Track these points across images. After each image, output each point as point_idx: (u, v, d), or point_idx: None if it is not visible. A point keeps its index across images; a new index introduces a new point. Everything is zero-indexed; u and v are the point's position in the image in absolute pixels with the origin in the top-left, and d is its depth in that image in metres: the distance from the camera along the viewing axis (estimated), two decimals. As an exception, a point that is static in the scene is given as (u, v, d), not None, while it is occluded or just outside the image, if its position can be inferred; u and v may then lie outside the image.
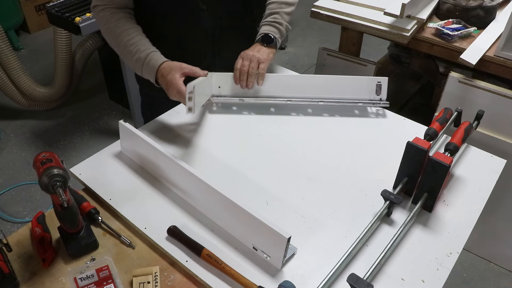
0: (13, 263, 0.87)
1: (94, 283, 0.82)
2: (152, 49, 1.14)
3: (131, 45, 1.13)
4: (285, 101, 1.25)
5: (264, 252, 0.85)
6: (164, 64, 1.11)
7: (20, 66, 2.59)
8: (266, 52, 1.22)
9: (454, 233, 0.92)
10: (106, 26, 1.16)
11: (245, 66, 1.19)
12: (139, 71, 1.15)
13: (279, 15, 1.28)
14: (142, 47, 1.13)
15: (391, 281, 0.83)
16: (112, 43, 1.18)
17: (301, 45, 3.74)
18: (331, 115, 1.25)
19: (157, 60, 1.11)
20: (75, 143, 2.66)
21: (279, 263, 0.84)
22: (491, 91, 1.60)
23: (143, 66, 1.13)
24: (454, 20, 1.73)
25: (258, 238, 0.85)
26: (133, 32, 1.14)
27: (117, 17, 1.15)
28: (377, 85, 1.23)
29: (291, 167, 1.08)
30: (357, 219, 0.94)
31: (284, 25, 1.29)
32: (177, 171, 0.97)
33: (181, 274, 0.86)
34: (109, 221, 0.95)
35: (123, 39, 1.13)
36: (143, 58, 1.12)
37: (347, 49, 2.04)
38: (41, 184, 0.78)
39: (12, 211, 2.22)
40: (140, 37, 1.15)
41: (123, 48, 1.15)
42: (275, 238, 0.81)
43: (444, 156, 0.90)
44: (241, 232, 0.89)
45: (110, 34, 1.16)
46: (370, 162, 1.10)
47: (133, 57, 1.13)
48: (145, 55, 1.12)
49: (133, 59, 1.14)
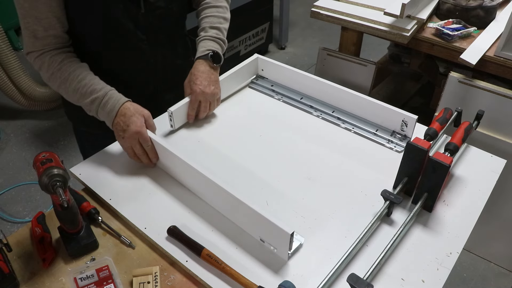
0: (13, 263, 0.87)
1: (94, 283, 0.82)
2: (109, 88, 1.05)
3: (83, 87, 1.03)
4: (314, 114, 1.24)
5: (271, 244, 0.88)
6: (127, 103, 1.04)
7: (20, 66, 2.60)
8: (217, 78, 1.19)
9: (454, 233, 0.92)
10: (48, 73, 1.05)
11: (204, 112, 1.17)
12: (94, 111, 1.05)
13: (220, 31, 1.22)
14: (97, 86, 1.04)
15: (391, 281, 0.83)
16: (59, 89, 1.07)
17: (301, 45, 3.75)
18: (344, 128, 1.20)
19: (118, 99, 1.04)
20: (75, 143, 2.65)
21: (285, 256, 0.86)
22: (491, 91, 1.61)
23: (100, 106, 1.03)
24: (454, 20, 1.73)
25: (264, 232, 0.88)
26: (82, 73, 1.05)
27: (58, 61, 1.04)
28: (403, 121, 1.12)
29: (291, 167, 1.08)
30: (357, 219, 0.94)
31: (226, 43, 1.23)
32: (185, 168, 0.97)
33: (181, 274, 0.86)
34: (109, 221, 0.95)
35: (72, 83, 1.04)
36: (101, 97, 1.03)
37: (347, 49, 2.04)
38: (41, 184, 0.78)
39: (12, 211, 2.22)
40: (91, 77, 1.06)
41: (73, 92, 1.04)
42: (279, 233, 0.83)
43: (444, 156, 0.90)
44: (249, 225, 0.92)
45: (55, 81, 1.05)
46: (370, 162, 1.10)
47: (87, 98, 1.04)
48: (103, 94, 1.03)
49: (87, 100, 1.04)
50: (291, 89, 1.33)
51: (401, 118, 1.13)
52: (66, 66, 1.04)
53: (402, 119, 1.12)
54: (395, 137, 1.15)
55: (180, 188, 1.02)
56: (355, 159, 1.11)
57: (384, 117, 1.16)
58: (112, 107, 1.03)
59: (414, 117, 1.10)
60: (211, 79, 1.16)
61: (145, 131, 1.02)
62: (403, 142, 1.13)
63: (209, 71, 1.17)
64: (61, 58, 1.04)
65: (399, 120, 1.13)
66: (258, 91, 1.35)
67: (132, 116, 1.02)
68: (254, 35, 3.28)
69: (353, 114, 1.22)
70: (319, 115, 1.24)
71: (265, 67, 1.36)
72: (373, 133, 1.17)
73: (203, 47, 1.19)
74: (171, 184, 1.03)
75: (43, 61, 1.04)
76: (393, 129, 1.16)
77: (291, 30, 3.84)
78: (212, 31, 1.21)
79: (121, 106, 1.03)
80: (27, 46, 1.05)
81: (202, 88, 1.14)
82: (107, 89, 1.05)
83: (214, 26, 1.21)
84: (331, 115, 1.23)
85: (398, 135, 1.15)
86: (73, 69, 1.05)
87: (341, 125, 1.20)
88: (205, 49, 1.18)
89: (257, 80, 1.38)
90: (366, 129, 1.18)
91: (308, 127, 1.21)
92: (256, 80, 1.38)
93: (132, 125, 1.01)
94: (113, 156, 1.10)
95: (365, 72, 2.02)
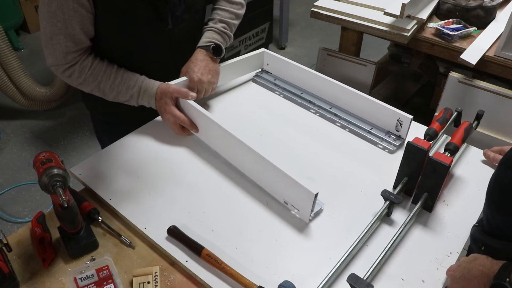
0: (13, 263, 0.87)
1: (94, 283, 0.82)
2: (140, 80, 1.13)
3: (118, 85, 1.12)
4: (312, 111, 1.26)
5: (294, 207, 0.94)
6: (158, 90, 1.13)
7: (20, 66, 2.59)
8: (215, 68, 1.20)
9: (454, 233, 0.92)
10: (80, 79, 1.11)
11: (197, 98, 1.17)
12: (135, 103, 1.15)
13: (229, 26, 1.24)
14: (131, 82, 1.13)
15: (391, 281, 0.83)
16: (93, 91, 1.14)
17: (301, 45, 3.75)
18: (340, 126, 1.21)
19: (152, 88, 1.13)
20: (75, 143, 2.66)
21: (307, 217, 0.92)
22: (491, 91, 1.61)
23: (139, 98, 1.14)
24: (454, 20, 1.73)
25: (288, 193, 0.94)
26: (111, 71, 1.12)
27: (88, 66, 1.10)
28: (398, 121, 1.13)
29: (291, 167, 1.07)
30: (357, 219, 0.94)
31: (231, 39, 1.26)
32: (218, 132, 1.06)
33: (181, 274, 0.86)
34: (109, 221, 0.95)
35: (107, 83, 1.11)
36: (137, 92, 1.13)
37: (347, 49, 2.04)
38: (41, 184, 0.78)
39: (12, 211, 2.22)
40: (121, 73, 1.13)
41: (109, 92, 1.13)
42: (303, 193, 0.89)
43: (444, 156, 0.90)
44: (273, 187, 0.98)
45: (88, 85, 1.12)
46: (370, 162, 1.10)
47: (125, 95, 1.13)
48: (138, 89, 1.13)
49: (126, 97, 1.13)
50: (293, 84, 1.35)
51: (396, 118, 1.13)
52: (96, 70, 1.10)
53: (397, 118, 1.13)
54: (390, 137, 1.16)
55: (180, 188, 1.02)
56: (355, 159, 1.11)
57: (381, 116, 1.17)
58: (150, 97, 1.13)
59: (409, 117, 1.11)
60: (209, 68, 1.18)
61: (172, 109, 1.12)
62: (397, 141, 1.14)
63: (208, 61, 1.19)
64: (89, 63, 1.10)
65: (395, 120, 1.14)
66: (261, 85, 1.37)
67: (160, 100, 1.13)
68: (254, 35, 3.28)
69: (350, 112, 1.24)
70: (316, 112, 1.25)
71: (271, 61, 1.39)
72: (368, 131, 1.18)
73: (207, 37, 1.21)
74: (171, 184, 1.03)
75: (73, 70, 1.09)
76: (387, 129, 1.17)
77: (291, 30, 3.84)
78: (221, 24, 1.23)
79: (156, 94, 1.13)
80: (57, 60, 1.08)
81: (200, 76, 1.16)
82: (140, 82, 1.13)
83: (223, 20, 1.24)
84: (328, 111, 1.25)
85: (393, 135, 1.16)
86: (103, 70, 1.11)
87: (338, 123, 1.22)
88: (208, 40, 1.20)
89: (261, 73, 1.40)
90: (363, 128, 1.19)
91: (306, 124, 1.22)
92: (260, 73, 1.40)
93: (161, 108, 1.14)
94: (113, 156, 1.10)
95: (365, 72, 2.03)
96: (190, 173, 1.06)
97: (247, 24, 3.16)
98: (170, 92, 1.12)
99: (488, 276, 0.66)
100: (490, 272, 0.66)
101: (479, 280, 0.67)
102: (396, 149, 1.13)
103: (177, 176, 1.05)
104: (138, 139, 1.15)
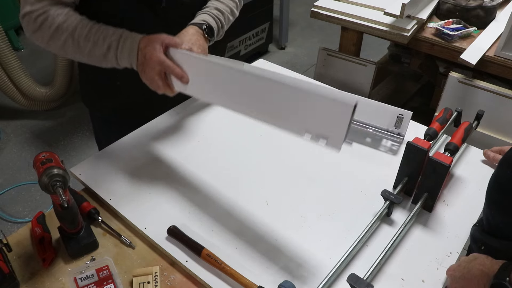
0: (13, 263, 0.87)
1: (94, 283, 0.82)
2: (121, 30, 0.97)
3: (94, 34, 0.95)
4: None
5: (321, 135, 0.74)
6: (143, 39, 0.96)
7: (20, 66, 2.60)
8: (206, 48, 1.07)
9: (454, 233, 0.92)
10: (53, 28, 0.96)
11: None
12: (113, 58, 0.97)
13: (223, 16, 1.16)
14: (109, 31, 0.96)
15: (391, 281, 0.83)
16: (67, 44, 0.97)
17: (301, 45, 3.75)
18: None
19: (135, 36, 0.96)
20: (75, 143, 2.66)
21: (340, 143, 0.72)
22: (491, 91, 1.61)
23: (118, 49, 0.96)
24: (454, 20, 1.73)
25: (312, 120, 0.74)
26: (89, 22, 0.97)
27: (63, 14, 0.96)
28: (398, 117, 1.12)
29: (291, 167, 1.08)
30: (357, 219, 0.94)
31: (223, 31, 1.16)
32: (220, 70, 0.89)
33: (181, 274, 0.86)
34: (109, 221, 0.95)
35: (82, 33, 0.95)
36: (116, 40, 0.95)
37: (347, 49, 2.04)
38: (41, 184, 0.78)
39: (12, 211, 2.22)
40: (100, 24, 0.97)
41: (84, 43, 0.96)
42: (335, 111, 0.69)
43: (444, 156, 0.90)
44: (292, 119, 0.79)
45: (61, 34, 0.96)
46: (370, 162, 1.10)
47: (102, 46, 0.96)
48: (117, 37, 0.95)
49: (103, 49, 0.96)
50: None
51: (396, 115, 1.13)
52: (72, 18, 0.96)
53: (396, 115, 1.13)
54: (390, 137, 1.16)
55: (180, 188, 1.02)
56: (355, 159, 1.11)
57: (380, 116, 1.17)
58: (131, 45, 0.96)
59: (409, 112, 1.10)
60: (200, 43, 1.07)
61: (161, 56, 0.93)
62: (397, 141, 1.14)
63: (199, 36, 1.08)
64: (65, 11, 0.97)
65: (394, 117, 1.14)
66: None
67: (146, 47, 0.94)
68: (254, 35, 3.28)
69: None
70: None
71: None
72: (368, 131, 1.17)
73: (201, 18, 1.12)
74: (171, 184, 1.03)
75: (47, 16, 0.95)
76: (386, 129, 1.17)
77: (291, 30, 3.84)
78: (215, 11, 1.16)
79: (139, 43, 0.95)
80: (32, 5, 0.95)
81: (190, 46, 1.02)
82: (120, 30, 0.97)
83: (218, 9, 1.16)
84: None
85: (393, 134, 1.16)
86: (79, 20, 0.97)
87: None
88: (202, 20, 1.11)
89: None
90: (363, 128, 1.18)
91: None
92: None
93: (146, 56, 0.94)
94: (113, 156, 1.10)
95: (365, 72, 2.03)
96: (190, 173, 1.06)
97: (247, 24, 3.16)
98: (161, 38, 0.95)
99: (488, 275, 0.66)
100: (490, 272, 0.66)
101: (479, 280, 0.67)
102: (396, 149, 1.13)
103: (177, 176, 1.05)
104: (138, 139, 1.15)
